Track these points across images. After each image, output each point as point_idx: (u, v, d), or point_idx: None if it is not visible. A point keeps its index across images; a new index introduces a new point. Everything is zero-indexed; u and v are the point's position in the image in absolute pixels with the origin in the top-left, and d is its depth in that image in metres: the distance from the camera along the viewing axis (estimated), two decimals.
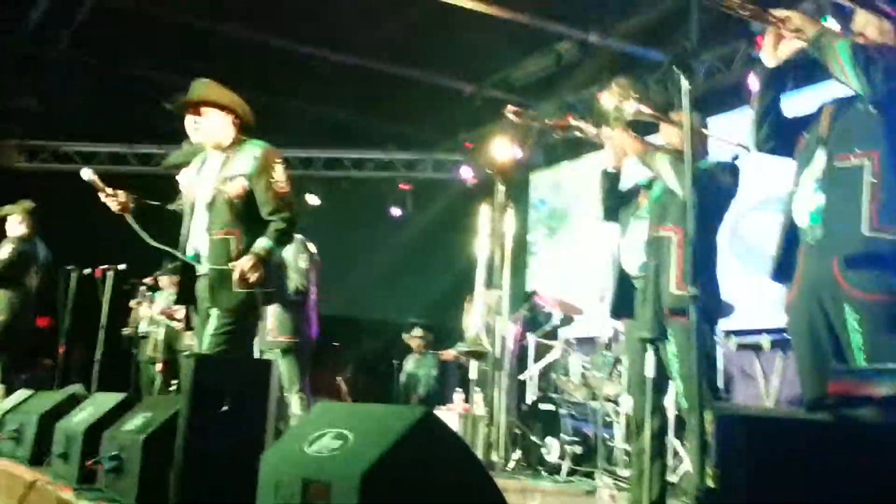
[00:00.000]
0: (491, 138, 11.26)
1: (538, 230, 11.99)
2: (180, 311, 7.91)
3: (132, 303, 9.32)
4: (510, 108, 4.64)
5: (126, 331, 8.63)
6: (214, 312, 4.13)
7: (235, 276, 4.06)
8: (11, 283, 7.24)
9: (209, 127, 4.35)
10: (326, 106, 11.14)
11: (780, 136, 3.32)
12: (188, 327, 5.21)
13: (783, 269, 3.19)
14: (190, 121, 4.38)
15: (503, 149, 6.27)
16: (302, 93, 11.06)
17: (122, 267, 7.93)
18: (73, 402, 4.81)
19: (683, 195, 3.62)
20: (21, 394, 5.99)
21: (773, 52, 3.24)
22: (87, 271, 7.69)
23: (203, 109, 4.36)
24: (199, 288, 4.29)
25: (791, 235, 3.17)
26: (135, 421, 3.62)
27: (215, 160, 4.37)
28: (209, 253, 4.25)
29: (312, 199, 11.05)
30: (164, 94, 4.46)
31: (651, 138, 4.39)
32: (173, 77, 10.39)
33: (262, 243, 4.13)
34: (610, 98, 3.92)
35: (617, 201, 4.36)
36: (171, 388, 8.18)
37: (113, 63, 10.21)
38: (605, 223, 4.47)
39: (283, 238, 4.22)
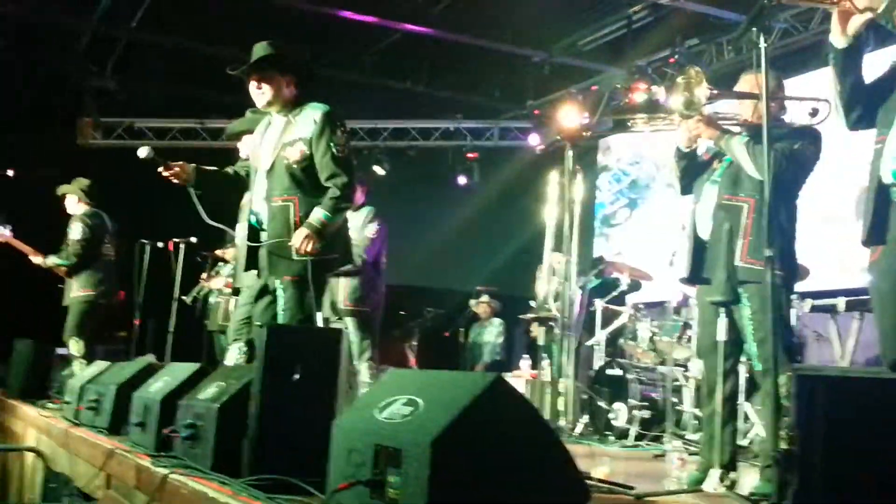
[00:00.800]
0: (560, 105, 11.23)
1: (613, 196, 11.87)
2: None
3: (202, 275, 9.49)
4: None
5: (186, 297, 8.63)
6: (278, 284, 4.16)
7: (294, 246, 4.07)
8: (92, 259, 7.42)
9: (271, 90, 4.32)
10: (393, 76, 11.13)
11: (871, 110, 3.13)
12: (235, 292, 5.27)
13: (876, 233, 3.05)
14: (253, 86, 4.35)
15: (572, 115, 6.18)
16: (368, 63, 11.07)
17: (193, 240, 8.08)
18: (148, 373, 4.91)
19: (763, 178, 3.48)
20: (98, 365, 6.16)
21: (843, 31, 3.04)
22: (159, 245, 7.85)
23: (265, 73, 4.32)
24: (259, 257, 4.31)
25: (880, 196, 3.04)
26: (209, 390, 3.68)
27: (277, 125, 4.36)
28: (268, 220, 4.26)
29: (379, 170, 11.10)
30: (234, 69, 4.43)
31: (724, 104, 4.28)
32: (241, 53, 10.53)
33: (318, 214, 4.11)
34: (679, 91, 3.85)
35: (693, 175, 4.28)
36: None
37: (183, 41, 10.34)
38: (684, 196, 4.38)
39: (338, 206, 4.16)
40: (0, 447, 7.24)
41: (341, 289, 6.38)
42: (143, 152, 4.43)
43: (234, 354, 4.92)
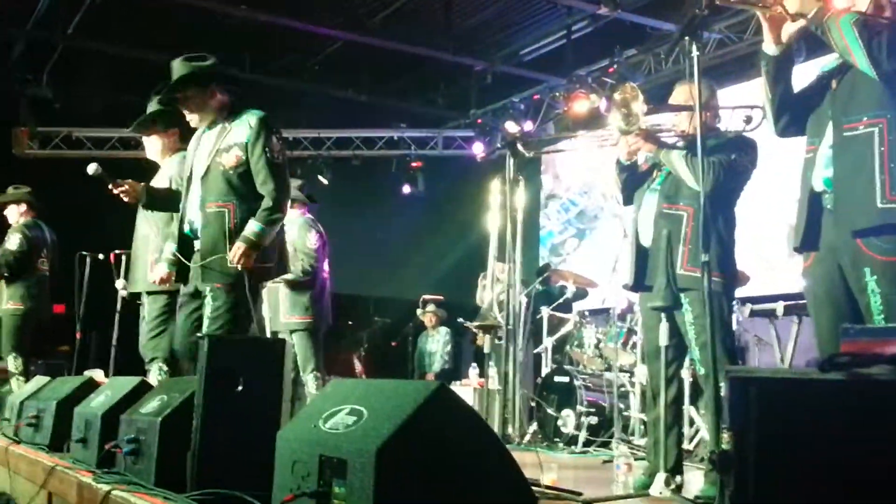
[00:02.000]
0: (502, 113, 11.30)
1: (561, 226, 11.95)
2: None
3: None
4: None
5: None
6: (208, 291, 4.10)
7: (229, 257, 4.02)
8: (26, 272, 7.27)
9: (194, 106, 4.30)
10: (336, 85, 11.11)
11: (799, 118, 3.24)
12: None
13: (809, 239, 3.15)
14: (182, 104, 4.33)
15: (514, 123, 6.26)
16: (312, 73, 11.04)
17: None
18: (90, 388, 4.83)
19: (703, 190, 3.54)
20: (39, 380, 6.04)
21: (776, 39, 3.13)
22: (100, 256, 7.73)
23: (186, 94, 4.30)
24: (193, 271, 4.24)
25: (812, 204, 3.14)
26: (151, 404, 3.63)
27: (213, 132, 4.31)
28: (202, 226, 4.20)
29: (322, 179, 11.06)
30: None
31: (661, 117, 4.34)
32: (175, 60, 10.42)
33: (252, 227, 4.05)
34: (617, 108, 3.90)
35: (635, 186, 4.33)
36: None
37: (122, 48, 10.21)
38: (626, 207, 4.43)
39: (272, 217, 4.09)
40: None
41: (282, 301, 6.34)
42: (91, 169, 4.39)
43: (154, 376, 4.84)
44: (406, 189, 12.51)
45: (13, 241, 7.25)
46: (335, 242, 6.82)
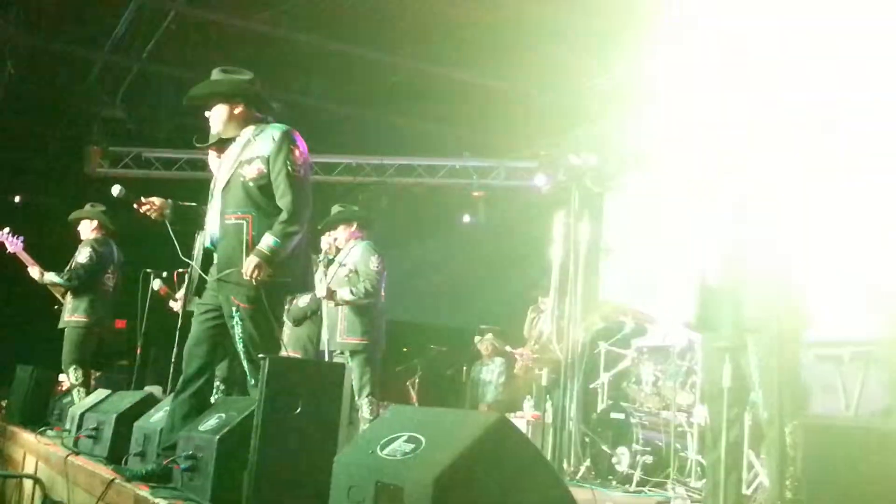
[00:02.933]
0: (567, 145, 11.26)
1: (614, 239, 11.84)
2: None
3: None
4: None
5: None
6: (234, 313, 4.05)
7: (245, 274, 3.98)
8: (92, 286, 7.41)
9: (215, 118, 4.30)
10: (401, 112, 11.20)
11: None
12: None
13: None
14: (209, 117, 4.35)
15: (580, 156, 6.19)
16: (377, 101, 11.15)
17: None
18: (149, 403, 4.90)
19: None
20: (99, 393, 6.14)
21: None
22: (164, 274, 7.84)
23: (212, 103, 4.31)
24: (209, 284, 4.22)
25: None
26: (210, 421, 3.67)
27: (237, 145, 4.29)
28: (220, 238, 4.18)
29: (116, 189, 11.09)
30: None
31: None
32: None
33: (267, 241, 4.00)
34: None
35: None
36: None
37: (194, 73, 10.42)
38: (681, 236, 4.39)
39: (287, 230, 4.03)
40: None
41: (341, 321, 6.37)
42: (115, 190, 4.48)
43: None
44: (466, 218, 12.50)
45: (83, 255, 7.40)
46: (394, 268, 6.84)
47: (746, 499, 5.41)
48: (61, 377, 7.66)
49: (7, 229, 7.41)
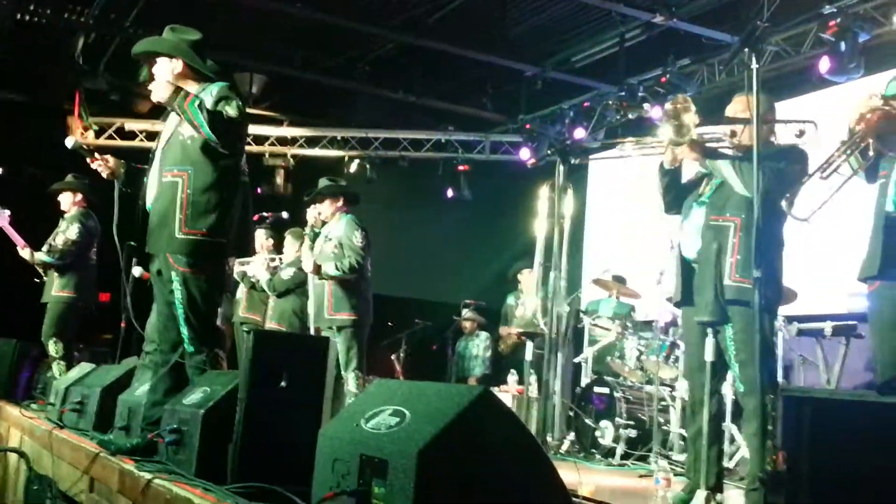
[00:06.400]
0: (551, 120, 11.25)
1: (598, 213, 11.87)
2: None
3: None
4: None
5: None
6: (174, 276, 3.97)
7: (175, 225, 3.93)
8: (79, 261, 7.37)
9: (157, 75, 4.16)
10: (386, 85, 11.14)
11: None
12: None
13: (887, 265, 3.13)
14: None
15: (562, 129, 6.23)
16: (361, 72, 11.08)
17: None
18: (133, 376, 4.89)
19: (750, 194, 3.58)
20: (83, 367, 6.13)
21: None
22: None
23: (157, 62, 4.19)
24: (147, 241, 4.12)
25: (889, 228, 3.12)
26: (195, 395, 3.67)
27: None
28: (156, 197, 4.09)
29: (70, 141, 11.05)
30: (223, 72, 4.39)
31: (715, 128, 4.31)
32: (235, 56, 10.54)
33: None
34: (668, 119, 3.86)
35: (678, 193, 4.31)
36: None
37: None
38: (668, 215, 4.41)
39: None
40: None
41: (328, 297, 6.37)
42: (69, 142, 4.40)
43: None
44: (450, 192, 12.49)
45: (72, 231, 7.34)
46: (379, 243, 6.83)
47: (729, 472, 5.47)
48: None
49: None
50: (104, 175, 4.42)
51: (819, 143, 3.90)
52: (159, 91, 4.08)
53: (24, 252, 7.32)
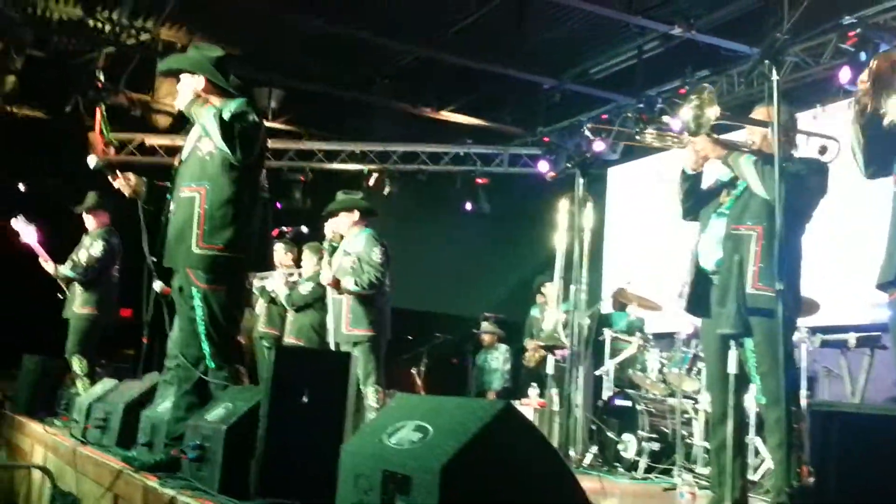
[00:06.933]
0: (569, 132, 11.25)
1: (617, 225, 11.84)
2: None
3: None
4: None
5: None
6: (195, 292, 3.98)
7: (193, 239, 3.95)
8: (102, 279, 7.42)
9: (180, 91, 4.20)
10: (405, 99, 11.17)
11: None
12: None
13: None
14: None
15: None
16: (380, 87, 11.12)
17: None
18: (156, 392, 4.90)
19: (769, 197, 3.58)
20: (106, 383, 6.15)
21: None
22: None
23: (181, 79, 4.21)
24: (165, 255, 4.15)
25: None
26: (217, 411, 3.68)
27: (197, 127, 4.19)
28: (174, 212, 4.11)
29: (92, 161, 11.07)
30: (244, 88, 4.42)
31: (735, 134, 4.31)
32: (254, 71, 10.60)
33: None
34: (691, 107, 3.85)
35: (697, 200, 4.29)
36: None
37: None
38: (685, 221, 4.40)
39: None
40: (7, 465, 7.23)
41: (345, 313, 6.36)
42: (91, 161, 4.45)
43: None
44: (468, 205, 12.49)
45: (96, 248, 7.40)
46: (397, 256, 6.83)
47: (754, 484, 5.42)
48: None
49: (21, 217, 7.39)
50: (126, 194, 4.46)
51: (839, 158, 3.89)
52: (181, 105, 4.15)
53: (48, 266, 7.38)
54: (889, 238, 3.10)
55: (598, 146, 10.64)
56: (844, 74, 7.78)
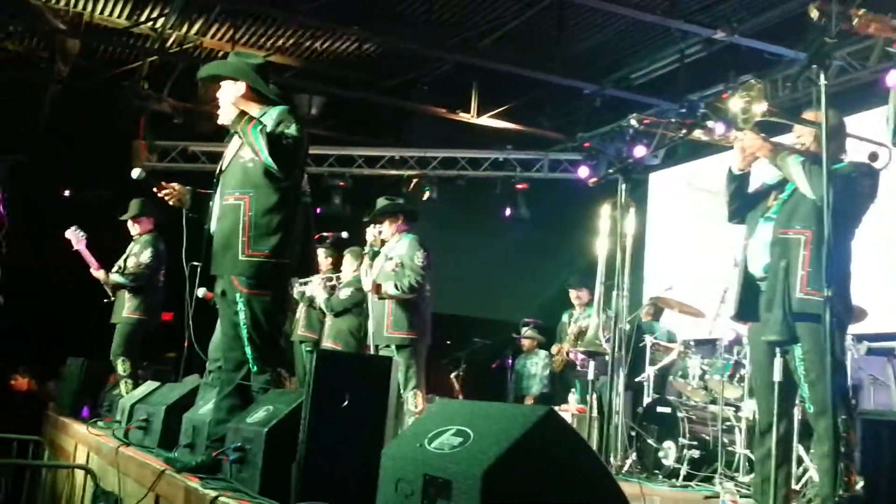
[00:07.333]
0: (610, 137, 11.19)
1: (658, 231, 11.75)
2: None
3: None
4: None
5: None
6: (238, 298, 4.02)
7: (239, 247, 3.98)
8: (148, 283, 7.51)
9: (222, 98, 4.22)
10: (444, 105, 11.19)
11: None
12: None
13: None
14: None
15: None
16: (419, 93, 11.15)
17: None
18: (197, 394, 4.94)
19: (816, 198, 3.53)
20: (149, 385, 6.22)
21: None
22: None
23: (222, 85, 4.26)
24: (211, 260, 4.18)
25: None
26: (258, 414, 3.69)
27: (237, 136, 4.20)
28: (219, 219, 4.15)
29: (136, 172, 11.08)
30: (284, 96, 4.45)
31: (782, 138, 4.26)
32: (292, 80, 10.68)
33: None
34: (739, 100, 3.79)
35: (743, 202, 4.24)
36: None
37: None
38: (731, 223, 4.35)
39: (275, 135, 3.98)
40: (51, 464, 7.33)
41: (388, 315, 6.38)
42: (135, 173, 4.50)
43: None
44: (508, 211, 12.47)
45: (145, 255, 7.49)
46: (437, 261, 6.83)
47: (796, 494, 5.34)
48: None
49: (75, 227, 7.52)
50: (171, 203, 4.51)
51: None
52: (225, 114, 4.16)
53: (99, 273, 7.49)
54: None
55: (640, 151, 10.57)
56: (891, 78, 7.66)
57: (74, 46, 10.50)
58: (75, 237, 7.47)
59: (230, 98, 4.21)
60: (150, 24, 10.03)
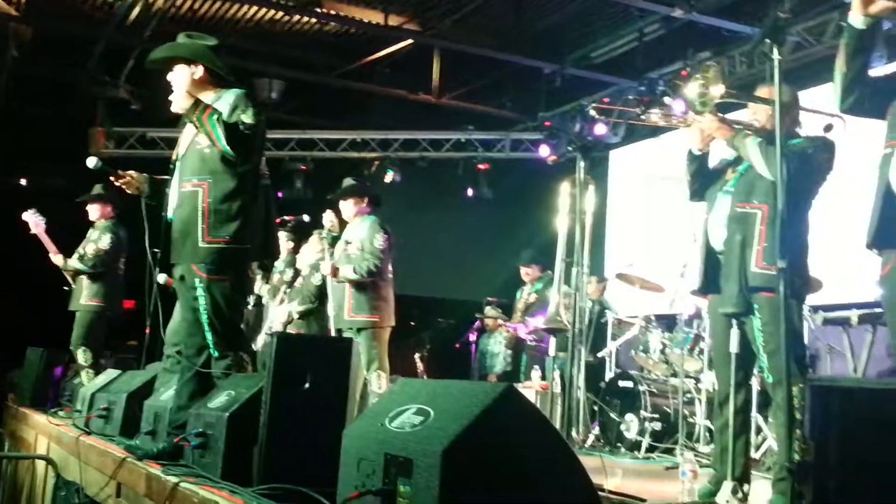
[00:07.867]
0: (571, 116, 11.22)
1: (619, 208, 11.82)
2: None
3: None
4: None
5: None
6: (197, 283, 3.99)
7: (199, 234, 3.96)
8: (108, 271, 7.43)
9: (176, 81, 4.16)
10: (404, 86, 11.14)
11: (868, 100, 3.16)
12: None
13: (881, 237, 3.01)
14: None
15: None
16: (380, 73, 11.10)
17: None
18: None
19: (774, 179, 3.57)
20: (109, 373, 6.17)
21: (864, 10, 2.99)
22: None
23: (174, 69, 4.19)
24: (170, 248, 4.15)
25: (888, 202, 3.00)
26: (219, 399, 3.68)
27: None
28: (177, 206, 4.11)
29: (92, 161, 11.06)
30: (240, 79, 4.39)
31: (738, 113, 4.29)
32: (253, 64, 10.58)
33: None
34: (696, 84, 3.82)
35: (704, 181, 4.28)
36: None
37: None
38: (692, 202, 4.38)
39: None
40: (11, 455, 7.26)
41: (348, 299, 6.37)
42: (91, 162, 4.45)
43: None
44: (470, 191, 12.48)
45: (104, 241, 7.42)
46: (399, 243, 6.83)
47: (756, 462, 5.43)
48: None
49: (33, 210, 7.41)
50: (129, 192, 4.46)
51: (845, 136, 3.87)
52: (178, 102, 4.11)
53: (57, 258, 7.41)
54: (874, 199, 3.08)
55: (600, 129, 10.62)
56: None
57: (26, 32, 10.31)
58: (33, 220, 7.36)
59: (184, 83, 4.15)
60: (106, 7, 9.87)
